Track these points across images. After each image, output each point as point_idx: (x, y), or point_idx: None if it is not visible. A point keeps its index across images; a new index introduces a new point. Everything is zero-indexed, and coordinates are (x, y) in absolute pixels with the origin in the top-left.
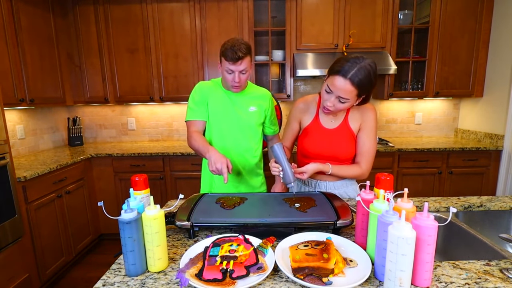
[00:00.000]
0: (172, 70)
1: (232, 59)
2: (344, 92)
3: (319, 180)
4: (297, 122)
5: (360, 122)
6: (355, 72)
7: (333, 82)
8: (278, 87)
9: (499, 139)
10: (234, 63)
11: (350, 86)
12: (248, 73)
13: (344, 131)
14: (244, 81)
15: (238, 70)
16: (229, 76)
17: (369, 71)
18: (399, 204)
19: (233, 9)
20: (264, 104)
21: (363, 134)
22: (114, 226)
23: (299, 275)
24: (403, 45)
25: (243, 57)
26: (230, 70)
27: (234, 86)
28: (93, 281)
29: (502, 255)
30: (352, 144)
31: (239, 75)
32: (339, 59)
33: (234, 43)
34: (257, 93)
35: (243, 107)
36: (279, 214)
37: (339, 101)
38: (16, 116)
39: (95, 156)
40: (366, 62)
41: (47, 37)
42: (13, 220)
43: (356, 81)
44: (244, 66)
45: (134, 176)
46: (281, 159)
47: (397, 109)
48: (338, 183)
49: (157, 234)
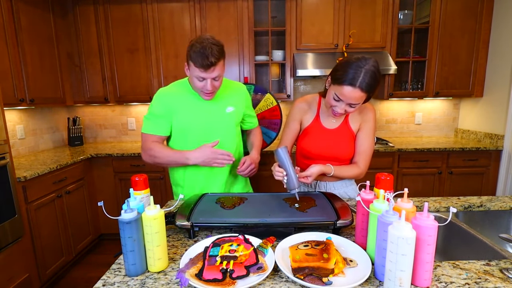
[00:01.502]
0: (172, 70)
1: (203, 65)
2: (354, 99)
3: (319, 180)
4: (298, 122)
5: (360, 122)
6: (362, 78)
7: (342, 92)
8: (278, 87)
9: (499, 139)
10: (205, 70)
11: (360, 93)
12: (221, 78)
13: (344, 131)
14: (217, 87)
15: (210, 77)
16: (200, 84)
17: (375, 73)
18: (399, 204)
19: (233, 9)
20: (241, 101)
21: (362, 134)
22: (114, 226)
23: (299, 275)
24: (403, 45)
25: (215, 62)
26: (201, 78)
27: (206, 94)
28: (93, 281)
29: (502, 255)
30: (351, 144)
31: (212, 82)
32: (341, 64)
33: (204, 45)
34: (232, 90)
35: (219, 109)
36: (279, 214)
37: (349, 107)
38: (16, 116)
39: (95, 156)
40: (370, 64)
41: (47, 37)
42: (13, 220)
43: (365, 87)
44: (217, 73)
45: (134, 176)
46: (286, 163)
47: (397, 109)
48: (338, 183)
49: (157, 234)
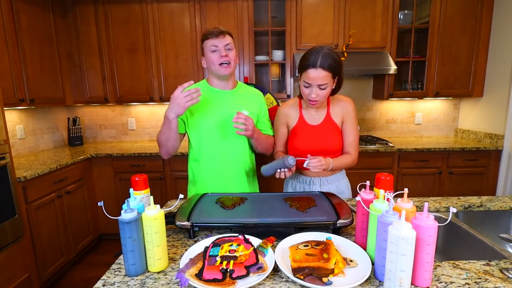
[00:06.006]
0: (172, 70)
1: (214, 33)
2: (320, 79)
3: (313, 176)
4: (285, 126)
5: (341, 116)
6: (321, 59)
7: (308, 76)
8: (278, 87)
9: (499, 139)
10: (217, 37)
11: (323, 72)
12: (234, 52)
13: (328, 125)
14: (232, 59)
15: (223, 45)
16: (215, 55)
17: (332, 54)
18: (399, 204)
19: (233, 9)
20: (256, 107)
21: (347, 126)
22: (114, 226)
23: (299, 275)
24: (403, 45)
25: (224, 31)
26: (215, 46)
27: (222, 64)
28: (93, 281)
29: (502, 255)
30: (338, 136)
31: (225, 49)
32: (303, 56)
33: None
34: (249, 94)
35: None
36: (279, 214)
37: (319, 89)
38: (16, 116)
39: (95, 156)
40: (325, 48)
41: (47, 37)
42: (13, 220)
43: (326, 66)
44: (228, 41)
45: (134, 176)
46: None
47: (397, 109)
48: (331, 177)
49: (157, 234)
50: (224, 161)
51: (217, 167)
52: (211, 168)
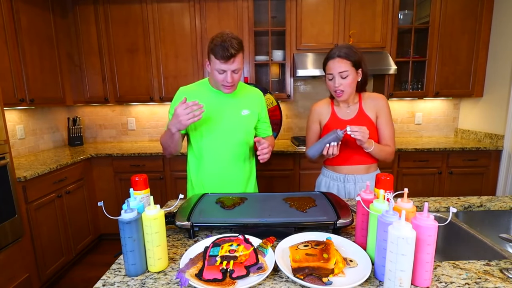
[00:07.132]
0: (172, 70)
1: (224, 57)
2: (339, 66)
3: (347, 174)
4: (317, 123)
5: (375, 110)
6: (338, 50)
7: (329, 68)
8: (278, 87)
9: (499, 139)
10: (225, 61)
11: (342, 60)
12: (241, 72)
13: (362, 119)
14: (237, 80)
15: (230, 70)
16: (220, 76)
17: (349, 46)
18: (399, 204)
19: (233, 9)
20: (256, 106)
21: (381, 121)
22: (114, 226)
23: (299, 275)
24: (403, 45)
25: (235, 54)
26: (222, 70)
27: (226, 86)
28: (93, 281)
29: (502, 255)
30: (372, 130)
31: (232, 74)
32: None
33: (224, 38)
34: (249, 94)
35: (236, 110)
36: (279, 214)
37: (341, 78)
38: (16, 116)
39: (95, 156)
40: (342, 45)
41: (47, 37)
42: (13, 220)
43: (343, 55)
44: (237, 65)
45: (134, 176)
46: (322, 141)
47: (397, 109)
48: (366, 176)
49: (157, 234)
50: (224, 161)
51: (217, 167)
52: (211, 168)
